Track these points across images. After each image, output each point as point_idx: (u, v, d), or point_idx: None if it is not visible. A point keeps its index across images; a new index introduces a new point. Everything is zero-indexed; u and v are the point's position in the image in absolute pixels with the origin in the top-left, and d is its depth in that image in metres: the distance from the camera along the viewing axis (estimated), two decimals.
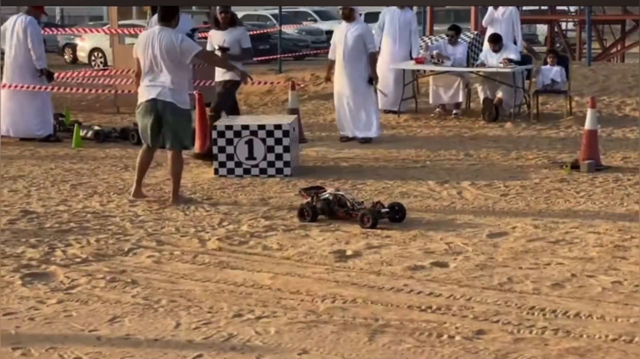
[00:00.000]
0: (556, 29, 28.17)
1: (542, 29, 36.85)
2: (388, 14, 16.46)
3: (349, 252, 7.79)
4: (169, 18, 9.70)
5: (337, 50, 13.49)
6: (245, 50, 12.18)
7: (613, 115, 15.65)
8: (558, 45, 27.94)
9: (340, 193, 9.08)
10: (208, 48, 12.13)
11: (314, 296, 6.62)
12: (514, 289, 6.77)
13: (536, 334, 5.83)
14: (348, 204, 8.93)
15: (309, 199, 9.09)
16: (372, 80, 13.49)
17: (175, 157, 9.79)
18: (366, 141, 13.46)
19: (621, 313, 6.22)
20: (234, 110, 12.41)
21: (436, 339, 5.76)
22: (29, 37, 14.03)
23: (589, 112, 11.62)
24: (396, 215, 8.84)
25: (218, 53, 11.86)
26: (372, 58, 13.52)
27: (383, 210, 8.80)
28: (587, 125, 11.54)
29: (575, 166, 11.31)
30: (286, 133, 11.07)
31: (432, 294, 6.66)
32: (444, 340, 5.74)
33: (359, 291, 6.72)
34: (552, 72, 15.34)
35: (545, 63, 15.77)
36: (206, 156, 11.98)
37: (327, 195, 9.04)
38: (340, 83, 13.52)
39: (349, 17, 13.43)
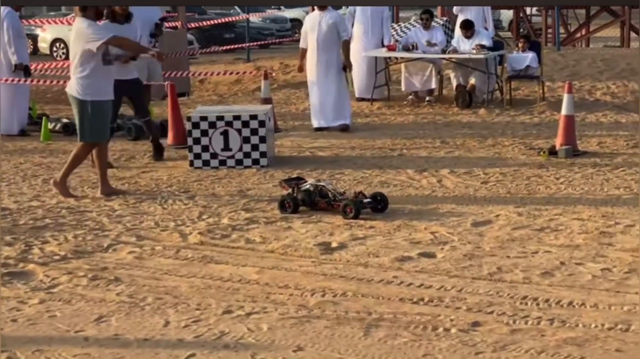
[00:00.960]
0: (521, 14, 28.13)
1: (505, 15, 36.82)
2: None
3: (334, 244, 7.68)
4: (84, 7, 9.60)
5: (310, 38, 13.35)
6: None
7: (585, 100, 15.62)
8: (522, 30, 27.90)
9: (321, 183, 8.97)
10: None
11: (303, 290, 6.50)
12: (505, 279, 6.69)
13: (532, 325, 5.75)
14: (330, 195, 8.82)
15: (290, 190, 8.97)
16: (346, 67, 13.40)
17: (80, 146, 9.75)
18: (345, 128, 13.33)
19: (614, 301, 6.17)
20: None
21: (432, 332, 5.66)
22: (4, 30, 13.73)
23: (566, 97, 11.55)
24: (378, 205, 8.74)
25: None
26: (346, 46, 13.42)
27: (365, 200, 8.69)
28: (564, 110, 11.47)
29: (552, 152, 11.26)
30: (262, 124, 10.93)
31: (422, 286, 6.57)
32: (440, 333, 5.65)
33: (348, 284, 6.62)
34: (528, 58, 15.27)
35: (517, 49, 15.74)
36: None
37: (308, 186, 8.92)
38: (314, 71, 13.38)
39: (323, 5, 13.30)
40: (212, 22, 24.31)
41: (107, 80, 9.70)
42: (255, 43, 24.61)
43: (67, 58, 26.97)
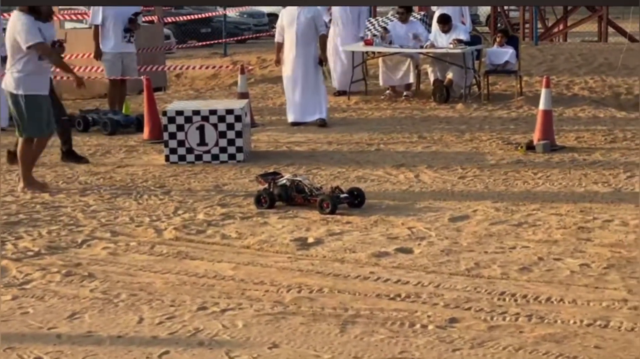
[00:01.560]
0: (499, 9, 28.11)
1: (483, 9, 36.81)
2: None
3: (310, 239, 7.61)
4: (19, 2, 9.51)
5: (288, 32, 13.24)
6: None
7: (562, 95, 15.58)
8: (499, 25, 27.87)
9: (297, 178, 8.90)
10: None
11: (278, 286, 6.43)
12: (482, 274, 6.64)
13: (510, 321, 5.70)
14: (306, 190, 8.75)
15: (266, 185, 8.89)
16: (322, 61, 13.36)
17: (21, 143, 9.64)
18: (322, 123, 13.25)
19: (593, 297, 6.13)
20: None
21: (409, 329, 5.61)
22: None
23: (544, 92, 11.51)
24: (355, 200, 8.68)
25: None
26: (323, 40, 13.36)
27: (342, 195, 8.64)
28: (542, 105, 11.44)
29: (530, 147, 11.23)
30: (238, 118, 10.84)
31: (399, 281, 6.51)
32: (417, 330, 5.59)
33: (324, 280, 6.55)
34: (508, 54, 15.21)
35: (494, 44, 15.72)
36: (71, 156, 11.24)
37: (284, 181, 8.85)
38: (292, 66, 13.27)
39: None
40: (189, 17, 24.17)
41: (41, 74, 9.56)
42: (232, 38, 24.48)
43: None
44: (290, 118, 13.45)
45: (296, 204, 8.72)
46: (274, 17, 33.92)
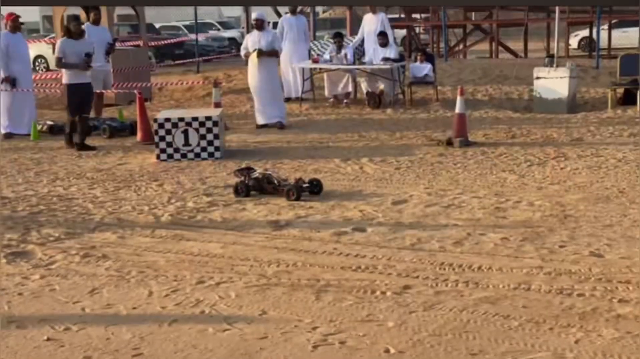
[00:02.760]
0: (412, 33, 28.07)
1: (398, 33, 36.71)
2: (286, 21, 16.13)
3: (282, 222, 7.39)
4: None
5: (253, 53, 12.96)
6: None
7: (469, 100, 15.36)
8: (413, 44, 27.77)
9: (268, 172, 8.67)
10: None
11: (261, 261, 6.21)
12: (424, 248, 6.48)
13: (452, 287, 5.55)
14: (275, 181, 8.52)
15: (242, 178, 8.65)
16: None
17: None
18: (282, 126, 13.01)
19: (515, 265, 6.00)
20: None
21: (371, 295, 5.42)
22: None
23: (459, 99, 11.37)
24: (315, 188, 8.47)
25: None
26: (276, 52, 13.11)
27: (304, 185, 8.42)
28: (458, 109, 11.30)
29: (449, 142, 11.10)
30: (216, 123, 10.56)
31: (358, 255, 6.32)
32: (378, 296, 5.41)
33: (298, 256, 6.34)
34: (426, 68, 15.11)
35: (416, 60, 15.59)
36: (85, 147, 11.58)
37: (257, 174, 8.61)
38: (256, 79, 13.02)
39: (262, 27, 12.93)
40: (167, 41, 23.72)
41: None
42: (202, 58, 24.06)
43: (47, 70, 26.17)
44: (260, 121, 13.20)
45: (267, 193, 8.49)
46: (233, 40, 33.56)
